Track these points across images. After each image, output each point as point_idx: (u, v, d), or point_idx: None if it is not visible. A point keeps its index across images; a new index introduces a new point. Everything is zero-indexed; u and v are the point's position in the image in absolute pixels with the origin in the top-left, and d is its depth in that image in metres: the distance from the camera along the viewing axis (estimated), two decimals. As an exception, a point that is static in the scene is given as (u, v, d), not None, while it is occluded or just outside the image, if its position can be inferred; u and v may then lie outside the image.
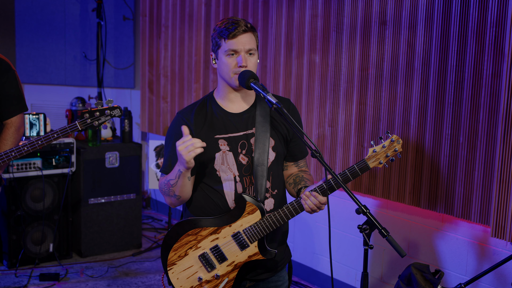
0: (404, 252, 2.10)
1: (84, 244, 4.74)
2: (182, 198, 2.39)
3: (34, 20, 5.77)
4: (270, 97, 2.23)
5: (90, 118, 3.00)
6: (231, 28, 2.32)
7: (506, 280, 3.19)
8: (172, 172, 2.34)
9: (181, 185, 2.34)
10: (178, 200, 2.40)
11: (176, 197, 2.38)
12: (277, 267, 2.48)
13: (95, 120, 3.02)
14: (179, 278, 2.36)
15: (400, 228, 3.71)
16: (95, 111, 3.01)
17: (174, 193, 2.37)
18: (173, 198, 2.39)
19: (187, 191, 2.38)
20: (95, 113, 3.01)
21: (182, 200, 2.41)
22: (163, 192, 2.42)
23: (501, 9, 3.02)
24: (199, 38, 4.98)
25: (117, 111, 3.04)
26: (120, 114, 3.06)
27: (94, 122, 3.02)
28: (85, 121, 3.00)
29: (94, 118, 3.01)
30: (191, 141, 2.22)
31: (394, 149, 2.32)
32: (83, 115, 3.00)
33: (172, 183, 2.35)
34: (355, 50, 3.73)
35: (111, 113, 3.04)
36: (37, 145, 2.96)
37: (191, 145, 2.21)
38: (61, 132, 2.97)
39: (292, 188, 2.46)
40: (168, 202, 2.45)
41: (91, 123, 3.01)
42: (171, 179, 2.35)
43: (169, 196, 2.40)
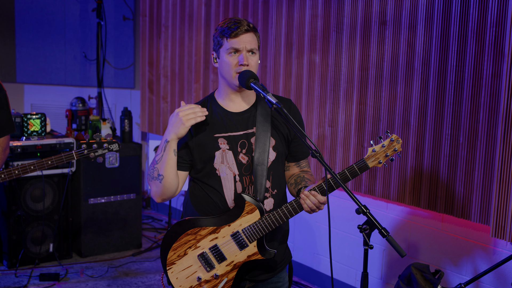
0: (404, 252, 2.10)
1: (84, 244, 4.74)
2: (165, 180, 2.32)
3: (34, 20, 5.77)
4: (270, 97, 2.23)
5: (87, 150, 3.09)
6: (234, 27, 2.32)
7: (506, 280, 3.19)
8: (158, 149, 2.34)
9: (166, 160, 2.30)
10: (161, 183, 2.33)
11: (159, 179, 2.32)
12: (277, 268, 2.48)
13: (92, 152, 3.10)
14: (178, 277, 2.35)
15: (400, 228, 3.71)
16: (94, 143, 3.09)
17: (157, 172, 2.32)
18: (157, 181, 2.33)
19: (170, 171, 2.32)
20: (93, 145, 3.09)
21: (165, 186, 2.33)
22: (150, 178, 2.37)
23: (501, 9, 3.02)
24: (199, 38, 4.98)
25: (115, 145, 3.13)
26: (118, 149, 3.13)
27: (91, 154, 3.11)
28: (82, 152, 3.08)
29: (91, 150, 3.09)
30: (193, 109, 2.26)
31: (393, 149, 2.31)
32: (81, 146, 3.08)
33: (157, 159, 2.33)
34: (355, 50, 3.73)
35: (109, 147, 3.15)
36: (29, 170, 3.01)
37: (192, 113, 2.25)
38: (56, 160, 3.04)
39: (293, 188, 2.46)
40: (153, 191, 2.37)
41: (88, 155, 3.09)
42: (157, 155, 2.33)
43: (154, 180, 2.34)
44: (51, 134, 4.73)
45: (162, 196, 2.38)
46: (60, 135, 4.70)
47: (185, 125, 2.25)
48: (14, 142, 4.36)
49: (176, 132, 2.27)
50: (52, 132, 4.79)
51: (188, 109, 2.27)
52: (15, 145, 4.34)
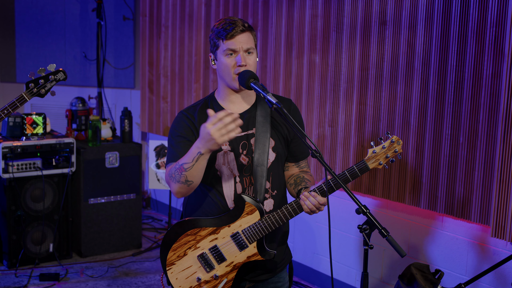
0: (404, 252, 2.10)
1: (84, 244, 4.74)
2: (193, 184, 2.27)
3: (34, 20, 5.77)
4: (270, 97, 2.22)
5: (36, 87, 3.00)
6: (229, 29, 2.32)
7: (506, 280, 3.19)
8: (187, 156, 2.23)
9: (197, 169, 2.22)
10: (189, 186, 2.27)
11: (187, 184, 2.26)
12: (277, 268, 2.48)
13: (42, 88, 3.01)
14: (178, 278, 2.35)
15: (400, 228, 3.71)
16: (40, 78, 3.00)
17: (185, 179, 2.25)
18: (183, 184, 2.26)
19: (199, 176, 2.26)
20: (40, 80, 3.00)
21: (192, 187, 2.28)
22: (172, 179, 2.29)
23: (501, 9, 3.02)
24: (199, 38, 4.98)
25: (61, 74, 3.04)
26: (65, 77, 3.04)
27: (41, 90, 3.01)
28: (32, 90, 2.99)
29: (40, 86, 3.00)
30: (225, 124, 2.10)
31: (394, 150, 2.31)
32: (28, 85, 2.99)
33: (186, 167, 2.23)
34: (355, 50, 3.73)
35: (55, 78, 3.03)
36: None
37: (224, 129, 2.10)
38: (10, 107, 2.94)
39: (293, 188, 2.46)
40: (175, 190, 2.30)
41: (38, 92, 3.00)
42: (185, 163, 2.23)
43: (178, 183, 2.27)
44: (51, 134, 4.73)
45: (186, 194, 2.33)
46: (60, 135, 4.70)
47: (218, 143, 2.13)
48: (14, 142, 4.36)
49: (210, 148, 2.16)
50: (52, 132, 4.79)
51: (220, 124, 2.11)
52: (15, 145, 4.34)
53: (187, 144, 2.34)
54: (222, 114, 2.11)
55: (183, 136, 2.37)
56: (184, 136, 2.37)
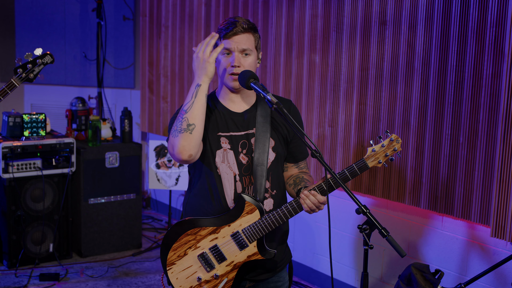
0: (404, 252, 2.10)
1: (84, 244, 4.74)
2: (196, 129, 2.22)
3: (34, 20, 5.77)
4: (270, 97, 2.22)
5: (25, 72, 2.99)
6: (228, 28, 2.33)
7: (506, 280, 3.19)
8: (187, 96, 2.28)
9: (198, 107, 2.22)
10: (192, 133, 2.22)
11: (189, 129, 2.21)
12: (277, 267, 2.48)
13: (30, 73, 3.01)
14: (178, 278, 2.36)
15: (400, 228, 3.71)
16: (27, 63, 3.00)
17: (187, 122, 2.22)
18: (186, 132, 2.21)
19: (200, 118, 2.24)
20: (27, 65, 3.00)
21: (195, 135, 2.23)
22: (174, 133, 2.25)
23: (501, 9, 3.02)
24: (199, 38, 4.98)
25: (48, 57, 3.03)
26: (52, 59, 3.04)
27: (30, 75, 3.01)
28: (20, 76, 2.99)
29: (28, 71, 3.00)
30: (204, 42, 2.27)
31: (393, 149, 2.31)
32: (17, 71, 2.99)
33: (186, 107, 2.24)
34: (355, 50, 3.73)
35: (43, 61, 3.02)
36: None
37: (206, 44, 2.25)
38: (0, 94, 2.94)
39: (292, 189, 2.46)
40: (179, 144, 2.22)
41: (27, 76, 2.99)
42: (185, 104, 2.26)
43: (180, 133, 2.22)
44: (51, 134, 4.73)
45: (191, 150, 2.24)
46: (60, 135, 4.70)
47: (209, 61, 2.24)
48: (14, 142, 4.37)
49: (206, 72, 2.24)
50: (52, 132, 4.79)
51: (201, 46, 2.27)
52: (15, 145, 4.34)
53: None
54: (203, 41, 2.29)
55: None
56: None
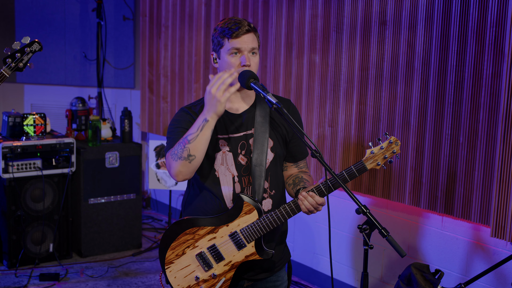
0: (404, 252, 2.10)
1: (84, 244, 4.74)
2: (195, 160, 2.22)
3: (34, 20, 5.77)
4: (270, 97, 2.22)
5: (14, 62, 2.98)
6: (235, 28, 2.32)
7: (506, 280, 3.19)
8: (192, 127, 2.22)
9: (202, 140, 2.20)
10: (191, 163, 2.22)
11: (189, 159, 2.21)
12: (275, 267, 2.48)
13: (19, 62, 3.00)
14: (176, 277, 2.36)
15: (400, 228, 3.71)
16: (15, 52, 2.99)
17: (188, 153, 2.21)
18: (185, 161, 2.21)
19: (202, 151, 2.23)
20: (16, 54, 2.99)
21: (193, 165, 2.23)
22: (173, 157, 2.24)
23: (501, 9, 3.02)
24: (199, 38, 4.98)
25: (36, 45, 3.02)
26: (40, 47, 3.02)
27: (19, 64, 3.00)
28: (9, 65, 2.98)
29: (17, 60, 2.99)
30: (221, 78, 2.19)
31: (392, 151, 2.31)
32: (6, 61, 2.98)
33: (190, 138, 2.20)
34: (355, 50, 3.72)
35: (31, 49, 3.02)
36: None
37: (222, 84, 2.18)
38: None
39: (292, 189, 2.46)
40: (176, 169, 2.24)
41: (16, 66, 2.98)
42: (189, 134, 2.21)
43: (180, 160, 2.22)
44: (51, 134, 4.73)
45: (187, 176, 2.27)
46: (60, 135, 4.70)
47: (221, 102, 2.17)
48: (14, 142, 4.37)
49: (215, 110, 2.18)
50: (52, 132, 4.79)
51: (216, 81, 2.19)
52: (15, 145, 4.34)
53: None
54: (220, 73, 2.21)
55: (184, 128, 2.35)
56: (185, 128, 2.35)
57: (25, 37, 2.99)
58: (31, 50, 3.02)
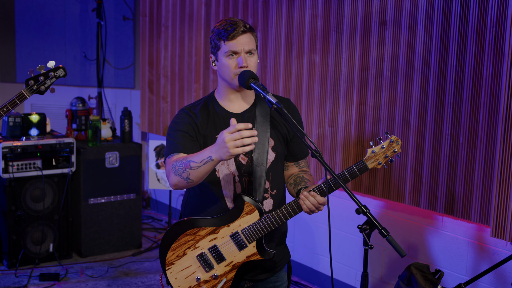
0: (404, 252, 2.10)
1: (84, 244, 4.74)
2: (193, 183, 2.24)
3: (34, 20, 5.77)
4: (270, 97, 2.22)
5: (36, 84, 2.98)
6: (230, 30, 2.32)
7: (506, 280, 3.19)
8: (198, 156, 2.19)
9: (202, 172, 2.19)
10: (187, 184, 2.24)
11: (187, 181, 2.23)
12: (276, 267, 2.48)
13: (41, 85, 2.99)
14: (177, 278, 2.35)
15: (400, 228, 3.71)
16: (39, 75, 2.98)
17: (188, 176, 2.22)
18: (183, 180, 2.23)
19: (201, 178, 2.22)
20: (40, 77, 2.98)
21: (190, 185, 2.26)
22: (174, 171, 2.25)
23: (501, 9, 3.02)
24: (199, 38, 4.98)
25: (61, 71, 3.01)
26: (65, 73, 3.02)
27: (41, 87, 2.99)
28: (32, 87, 2.97)
29: (40, 83, 2.98)
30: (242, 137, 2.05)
31: (393, 150, 2.31)
32: (28, 83, 2.97)
33: (192, 165, 2.20)
34: (355, 50, 3.72)
35: (55, 74, 3.00)
36: None
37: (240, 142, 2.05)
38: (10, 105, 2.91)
39: (293, 188, 2.46)
40: (173, 182, 2.27)
41: (38, 89, 2.98)
42: (193, 161, 2.19)
43: (179, 177, 2.23)
44: (51, 134, 4.73)
45: (182, 189, 2.31)
46: (60, 135, 4.70)
47: (231, 154, 2.09)
48: (14, 142, 4.37)
49: (222, 157, 2.12)
50: (52, 132, 4.79)
51: (236, 136, 2.06)
52: (15, 145, 4.34)
53: (188, 138, 2.33)
54: (242, 126, 2.06)
55: (184, 131, 2.35)
56: (184, 130, 2.35)
57: (51, 62, 2.99)
58: (55, 75, 3.01)
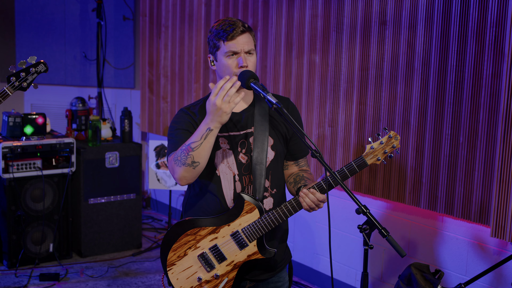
0: (404, 252, 2.10)
1: (84, 244, 4.74)
2: (199, 166, 2.23)
3: (34, 20, 5.77)
4: (270, 97, 2.22)
5: (18, 80, 2.97)
6: (229, 30, 2.32)
7: (506, 280, 3.19)
8: (195, 135, 2.22)
9: (205, 148, 2.20)
10: (195, 169, 2.23)
11: (193, 165, 2.23)
12: (277, 267, 2.48)
13: (23, 81, 2.98)
14: (178, 278, 2.35)
15: (400, 228, 3.71)
16: (20, 71, 2.97)
17: (192, 159, 2.22)
18: (189, 167, 2.22)
19: (206, 157, 2.23)
20: (21, 73, 2.98)
21: (197, 171, 2.25)
22: (177, 162, 2.24)
23: (501, 9, 3.02)
24: (199, 38, 4.98)
25: (42, 66, 3.01)
26: (46, 68, 3.01)
27: (23, 84, 2.98)
28: (13, 84, 2.97)
29: (21, 79, 2.98)
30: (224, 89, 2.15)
31: (392, 145, 2.31)
32: (10, 79, 2.96)
33: (194, 146, 2.21)
34: (355, 50, 3.73)
35: (36, 70, 3.00)
36: None
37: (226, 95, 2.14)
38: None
39: (293, 187, 2.46)
40: (180, 174, 2.25)
41: (20, 85, 2.97)
42: (193, 142, 2.21)
43: (184, 166, 2.22)
44: (51, 134, 4.73)
45: (190, 180, 2.28)
46: (60, 135, 4.70)
47: (227, 112, 2.17)
48: (14, 142, 4.37)
49: (220, 120, 2.18)
50: (52, 132, 4.79)
51: (220, 92, 2.15)
52: (15, 145, 4.34)
53: (189, 135, 2.33)
54: (222, 82, 2.16)
55: (184, 129, 2.36)
56: (185, 128, 2.36)
57: (32, 57, 2.99)
58: (36, 70, 3.02)
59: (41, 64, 3.01)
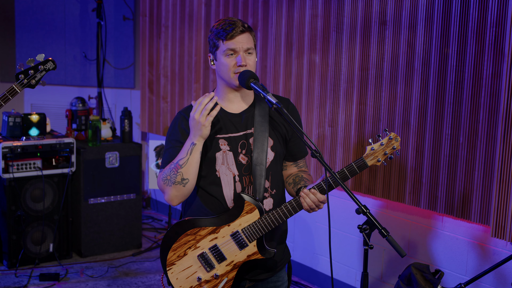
0: (404, 252, 2.10)
1: (84, 244, 4.74)
2: (189, 184, 2.29)
3: (34, 20, 5.77)
4: (270, 97, 2.23)
5: (26, 78, 2.98)
6: (229, 29, 2.32)
7: (506, 280, 3.19)
8: (181, 152, 2.29)
9: (192, 163, 2.26)
10: (185, 187, 2.29)
11: (183, 183, 2.28)
12: (276, 267, 2.48)
13: (32, 79, 2.99)
14: (178, 278, 2.36)
15: (400, 228, 3.71)
16: (29, 69, 2.98)
17: (181, 177, 2.27)
18: (179, 185, 2.28)
19: (194, 173, 2.29)
20: (29, 71, 2.99)
21: (188, 189, 2.30)
22: (167, 182, 2.30)
23: (501, 9, 3.02)
24: (199, 38, 4.98)
25: (50, 63, 3.02)
26: (54, 66, 3.02)
27: (31, 81, 2.99)
28: (22, 82, 2.98)
29: (30, 77, 2.98)
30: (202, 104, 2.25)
31: (392, 147, 2.31)
32: (18, 77, 2.97)
33: (181, 162, 2.27)
34: (355, 50, 3.73)
35: (45, 67, 3.01)
36: None
37: (204, 109, 2.24)
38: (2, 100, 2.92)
39: (292, 188, 2.46)
40: (170, 195, 2.31)
41: (28, 82, 2.98)
42: (180, 159, 2.28)
43: (174, 185, 2.28)
44: (51, 134, 4.73)
45: (182, 199, 2.34)
46: (60, 135, 4.70)
47: (205, 125, 2.25)
48: (14, 142, 4.37)
49: (201, 134, 2.27)
50: (52, 132, 4.79)
51: (198, 107, 2.25)
52: (15, 145, 4.34)
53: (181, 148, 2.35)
54: (201, 98, 2.27)
55: (179, 141, 2.38)
56: (179, 141, 2.38)
57: (40, 55, 2.99)
58: (45, 68, 3.03)
59: (49, 61, 3.02)
